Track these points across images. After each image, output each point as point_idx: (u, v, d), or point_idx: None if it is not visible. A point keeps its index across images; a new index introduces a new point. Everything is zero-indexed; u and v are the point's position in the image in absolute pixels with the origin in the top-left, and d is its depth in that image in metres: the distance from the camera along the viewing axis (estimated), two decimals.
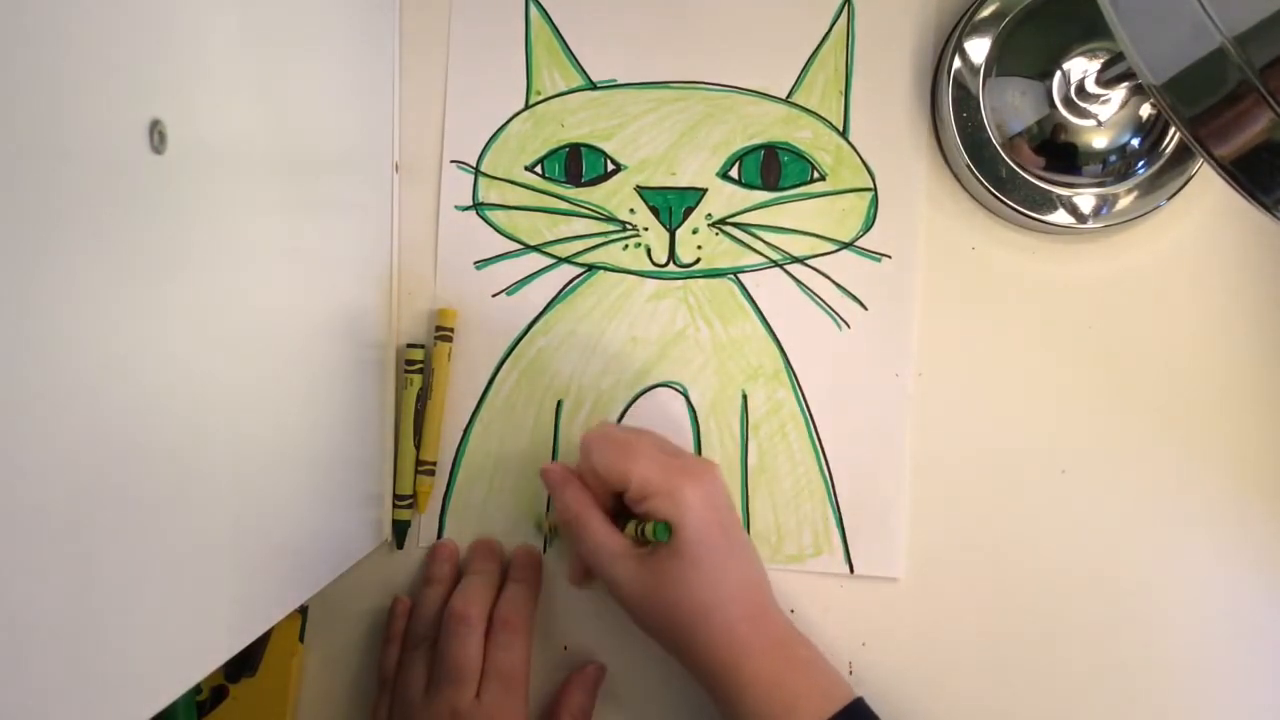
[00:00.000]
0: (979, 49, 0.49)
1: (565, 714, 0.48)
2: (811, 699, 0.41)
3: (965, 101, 0.49)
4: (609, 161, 0.51)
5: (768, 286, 0.51)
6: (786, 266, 0.51)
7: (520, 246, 0.51)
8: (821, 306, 0.51)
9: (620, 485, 0.43)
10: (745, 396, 0.51)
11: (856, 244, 0.51)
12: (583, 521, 0.44)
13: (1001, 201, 0.49)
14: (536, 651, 0.49)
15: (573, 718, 0.48)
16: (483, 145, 0.51)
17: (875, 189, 0.51)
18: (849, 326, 0.51)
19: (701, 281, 0.51)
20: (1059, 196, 0.49)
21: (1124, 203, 0.49)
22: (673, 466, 0.43)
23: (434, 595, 0.49)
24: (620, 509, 0.45)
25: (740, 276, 0.51)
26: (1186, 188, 0.49)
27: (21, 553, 0.24)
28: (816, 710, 0.41)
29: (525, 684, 0.46)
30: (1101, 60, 0.47)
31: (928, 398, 0.51)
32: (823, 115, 0.51)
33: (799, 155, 0.51)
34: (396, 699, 0.47)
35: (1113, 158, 0.49)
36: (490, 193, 0.51)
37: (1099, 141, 0.48)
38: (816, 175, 0.51)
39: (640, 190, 0.51)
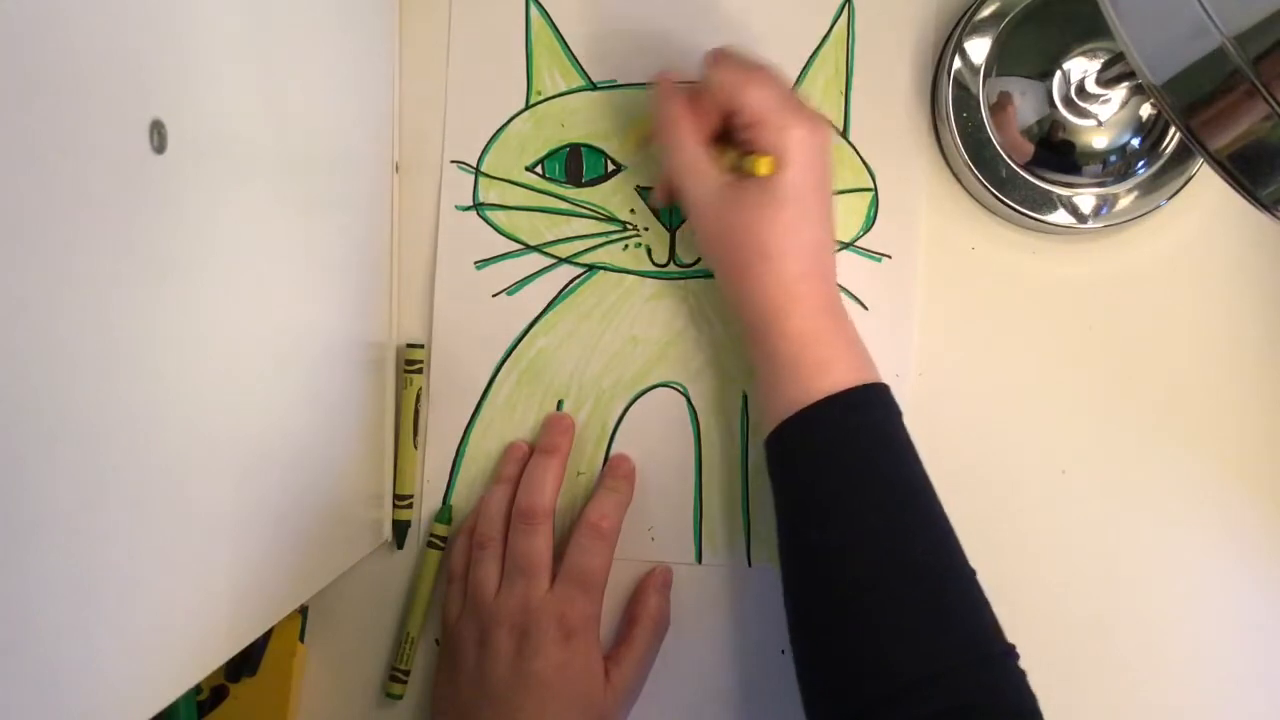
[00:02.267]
0: (979, 49, 0.49)
1: (645, 617, 0.49)
2: (844, 365, 0.42)
3: (965, 101, 0.49)
4: (609, 162, 0.51)
5: None
6: None
7: (520, 246, 0.51)
8: None
9: (733, 103, 0.42)
10: (746, 396, 0.51)
11: (856, 244, 0.51)
12: (679, 135, 0.44)
13: (1001, 201, 0.49)
14: None
15: (652, 620, 0.49)
16: (483, 145, 0.51)
17: (875, 189, 0.51)
18: None
19: (702, 281, 0.51)
20: (1059, 196, 0.49)
21: (1124, 203, 0.49)
22: (792, 103, 0.42)
23: (501, 494, 0.49)
24: (722, 137, 0.45)
25: None
26: (1186, 188, 0.49)
27: (22, 554, 0.24)
28: (846, 377, 0.41)
29: (602, 589, 0.47)
30: (1101, 60, 0.47)
31: (928, 398, 0.51)
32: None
33: None
34: (470, 595, 0.47)
35: (1113, 158, 0.49)
36: (490, 193, 0.51)
37: (1099, 141, 0.48)
38: None
39: (641, 190, 0.51)
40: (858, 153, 0.51)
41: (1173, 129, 0.48)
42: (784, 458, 0.43)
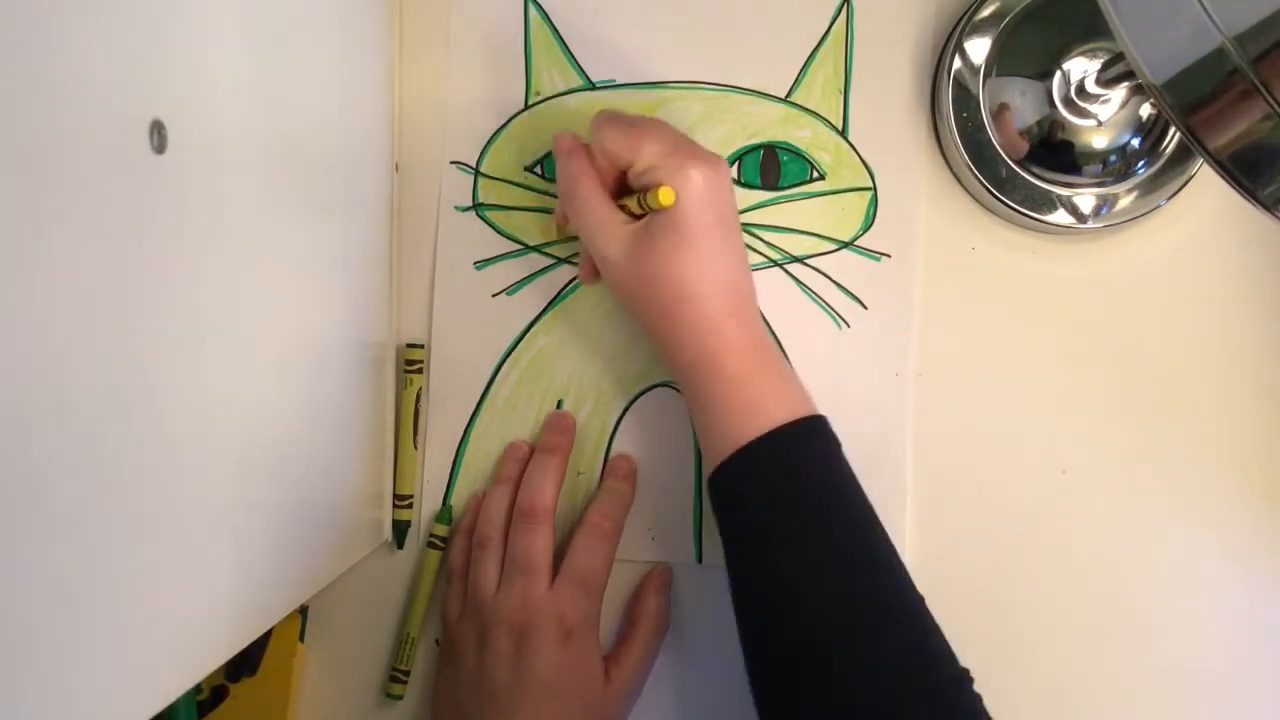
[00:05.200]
0: (979, 49, 0.49)
1: (645, 617, 0.49)
2: (778, 401, 0.42)
3: (965, 101, 0.49)
4: None
5: (767, 286, 0.51)
6: (786, 266, 0.51)
7: (520, 247, 0.51)
8: (821, 306, 0.51)
9: (626, 160, 0.42)
10: None
11: (856, 243, 0.51)
12: (582, 192, 0.43)
13: (1001, 201, 0.49)
14: None
15: (652, 620, 0.49)
16: (483, 145, 0.51)
17: (875, 188, 0.51)
18: (849, 326, 0.51)
19: None
20: (1059, 196, 0.49)
21: (1124, 203, 0.49)
22: (684, 145, 0.42)
23: (501, 494, 0.49)
24: (624, 192, 0.45)
25: None
26: (1186, 188, 0.49)
27: (22, 553, 0.24)
28: (782, 412, 0.41)
29: (602, 589, 0.47)
30: (1101, 60, 0.47)
31: (928, 398, 0.51)
32: (822, 115, 0.51)
33: (798, 155, 0.51)
34: (469, 595, 0.47)
35: (1113, 158, 0.49)
36: (490, 193, 0.51)
37: (1099, 141, 0.48)
38: (816, 175, 0.51)
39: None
40: (857, 152, 0.51)
41: (1173, 129, 0.48)
42: (725, 499, 0.42)
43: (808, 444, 0.42)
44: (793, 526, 0.40)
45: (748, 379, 0.42)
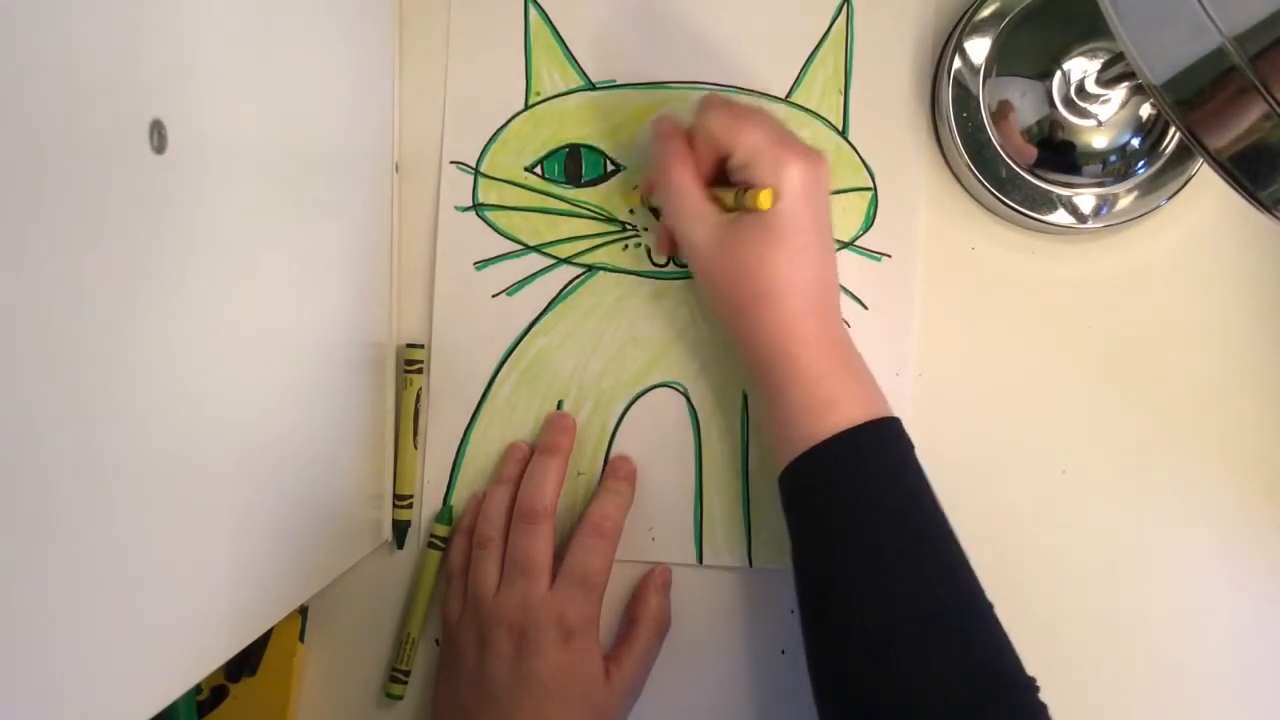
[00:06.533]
0: (979, 49, 0.49)
1: (646, 617, 0.49)
2: (854, 400, 0.42)
3: (965, 101, 0.49)
4: (609, 162, 0.51)
5: None
6: None
7: (520, 247, 0.51)
8: None
9: (727, 148, 0.42)
10: (746, 396, 0.51)
11: (856, 243, 0.51)
12: (675, 177, 0.43)
13: (1001, 201, 0.49)
14: None
15: (653, 620, 0.49)
16: (482, 146, 0.51)
17: (875, 188, 0.51)
18: (849, 326, 0.51)
19: None
20: (1059, 196, 0.49)
21: (1124, 203, 0.49)
22: (786, 140, 0.42)
23: (501, 494, 0.49)
24: (718, 182, 0.45)
25: None
26: (1186, 188, 0.49)
27: (22, 553, 0.24)
28: (858, 411, 0.41)
29: (602, 590, 0.47)
30: (1101, 60, 0.47)
31: (928, 398, 0.51)
32: (822, 115, 0.51)
33: None
34: (469, 595, 0.47)
35: (1113, 158, 0.49)
36: (490, 193, 0.51)
37: (1099, 141, 0.48)
38: None
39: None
40: (857, 152, 0.51)
41: (1173, 129, 0.48)
42: (796, 496, 0.42)
43: (882, 444, 0.42)
44: (866, 525, 0.40)
45: (825, 377, 0.42)
